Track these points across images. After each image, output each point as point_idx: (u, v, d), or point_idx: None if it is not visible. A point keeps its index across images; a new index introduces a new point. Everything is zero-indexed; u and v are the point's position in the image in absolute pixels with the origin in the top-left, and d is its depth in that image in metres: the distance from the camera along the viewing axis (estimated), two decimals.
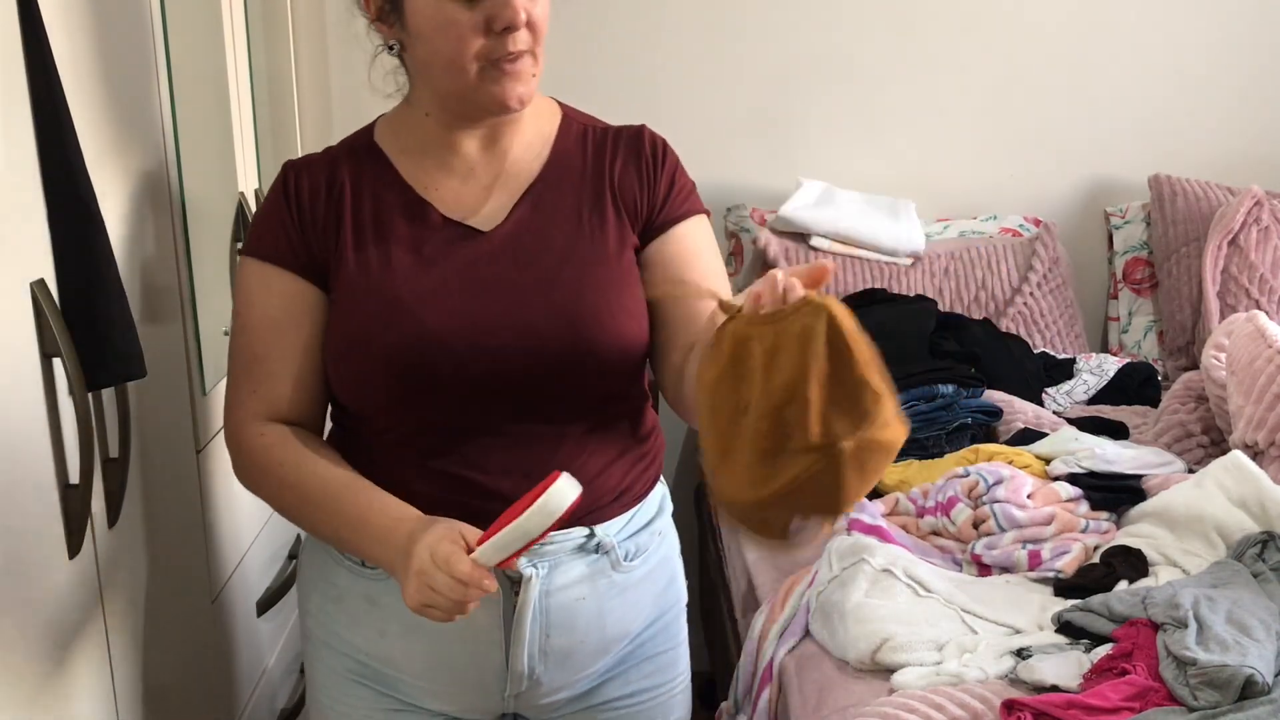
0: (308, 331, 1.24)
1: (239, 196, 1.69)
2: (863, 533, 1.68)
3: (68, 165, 1.09)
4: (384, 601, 1.26)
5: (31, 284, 1.06)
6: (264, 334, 1.24)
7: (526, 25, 1.16)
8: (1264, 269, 2.62)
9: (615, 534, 1.29)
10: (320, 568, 1.32)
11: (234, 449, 1.28)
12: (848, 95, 2.83)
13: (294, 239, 1.24)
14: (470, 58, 1.16)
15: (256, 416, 1.25)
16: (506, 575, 1.23)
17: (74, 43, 1.17)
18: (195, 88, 1.53)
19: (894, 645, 1.42)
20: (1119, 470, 1.81)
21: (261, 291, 1.25)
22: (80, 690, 1.18)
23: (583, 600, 1.27)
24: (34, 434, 1.08)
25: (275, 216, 1.25)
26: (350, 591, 1.29)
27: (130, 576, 1.30)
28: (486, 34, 1.15)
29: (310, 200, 1.24)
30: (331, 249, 1.23)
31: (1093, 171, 2.95)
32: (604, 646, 1.31)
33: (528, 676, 1.28)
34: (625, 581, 1.30)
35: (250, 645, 1.76)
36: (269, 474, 1.25)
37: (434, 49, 1.18)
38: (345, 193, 1.25)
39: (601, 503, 1.28)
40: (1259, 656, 1.24)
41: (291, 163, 1.29)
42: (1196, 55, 2.87)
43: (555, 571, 1.25)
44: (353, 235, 1.23)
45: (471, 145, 1.26)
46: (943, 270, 2.74)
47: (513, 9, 1.14)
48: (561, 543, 1.25)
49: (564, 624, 1.27)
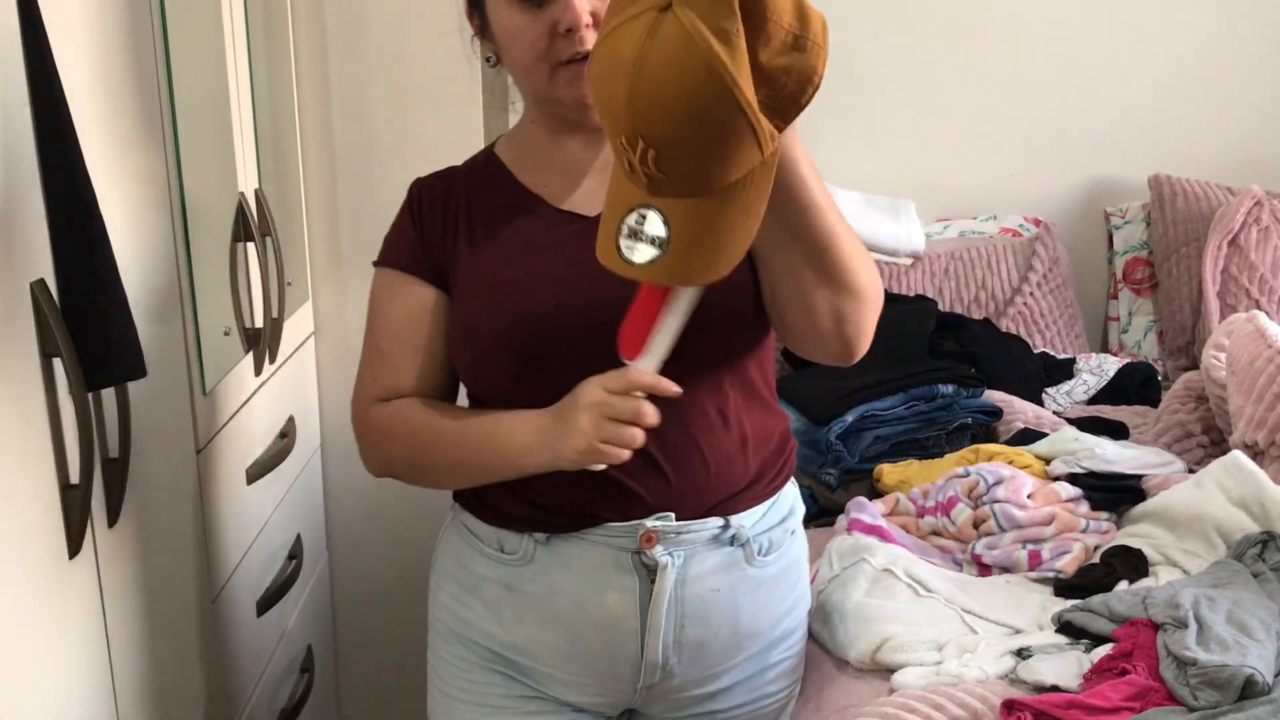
0: (429, 329, 1.31)
1: (239, 196, 1.69)
2: (863, 532, 1.68)
3: (68, 165, 1.09)
4: (523, 589, 1.30)
5: (31, 284, 1.06)
6: (388, 332, 1.33)
7: (595, 25, 1.19)
8: (1264, 269, 2.62)
9: (750, 526, 1.31)
10: (457, 557, 1.36)
11: (360, 432, 1.35)
12: (848, 95, 2.83)
13: (416, 248, 1.32)
14: (540, 61, 1.22)
15: (378, 399, 1.33)
16: (643, 563, 1.26)
17: (74, 43, 1.17)
18: (195, 88, 1.53)
19: (894, 645, 1.42)
20: (1119, 470, 1.81)
21: (387, 295, 1.34)
22: (80, 690, 1.18)
23: (717, 592, 1.29)
24: (34, 434, 1.08)
25: (400, 229, 1.35)
26: (488, 579, 1.32)
27: (130, 576, 1.30)
28: (553, 37, 1.20)
29: (429, 211, 1.33)
30: (450, 252, 1.31)
31: (1093, 171, 2.95)
32: (736, 643, 1.33)
33: (661, 667, 1.30)
34: (759, 577, 1.33)
35: (250, 645, 1.76)
36: (397, 432, 1.31)
37: (511, 56, 1.26)
38: (461, 201, 1.33)
39: (734, 490, 1.30)
40: (1259, 656, 1.24)
41: (418, 180, 1.38)
42: (1196, 55, 2.88)
43: (691, 561, 1.28)
44: (468, 237, 1.31)
45: (574, 143, 1.31)
46: (943, 270, 2.74)
47: (574, 11, 1.18)
48: (698, 531, 1.28)
49: (698, 614, 1.29)
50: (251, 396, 1.76)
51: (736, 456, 1.30)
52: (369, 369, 1.34)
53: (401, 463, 1.33)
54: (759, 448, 1.33)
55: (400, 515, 2.26)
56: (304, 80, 2.05)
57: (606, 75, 1.00)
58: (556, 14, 1.19)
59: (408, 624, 2.32)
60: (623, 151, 1.01)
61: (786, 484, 1.39)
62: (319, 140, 2.07)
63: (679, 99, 0.96)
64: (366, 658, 2.35)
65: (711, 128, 0.97)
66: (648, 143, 0.98)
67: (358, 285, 2.15)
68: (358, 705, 2.38)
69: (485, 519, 1.32)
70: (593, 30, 1.19)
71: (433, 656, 1.42)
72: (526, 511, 1.29)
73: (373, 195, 2.10)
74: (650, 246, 1.03)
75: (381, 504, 2.25)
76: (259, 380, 1.79)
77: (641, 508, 1.26)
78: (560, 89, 1.23)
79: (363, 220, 2.11)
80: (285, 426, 1.95)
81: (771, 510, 1.35)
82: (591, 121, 1.28)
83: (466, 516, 1.35)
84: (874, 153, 2.86)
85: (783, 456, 1.37)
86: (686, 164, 0.99)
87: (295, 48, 2.03)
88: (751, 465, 1.32)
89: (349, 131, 2.07)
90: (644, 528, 1.26)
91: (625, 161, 1.02)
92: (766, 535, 1.33)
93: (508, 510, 1.30)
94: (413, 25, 2.03)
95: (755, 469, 1.32)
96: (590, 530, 1.27)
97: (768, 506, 1.34)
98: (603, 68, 1.00)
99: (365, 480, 2.23)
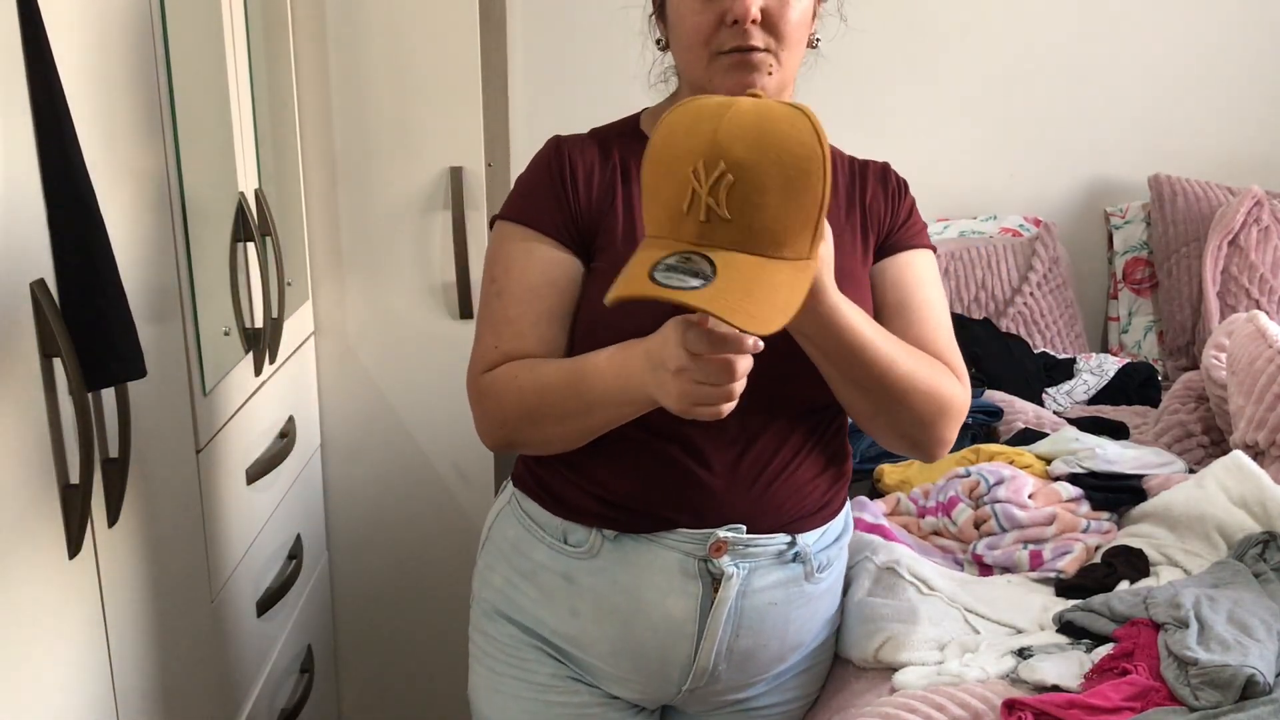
0: (563, 298, 1.27)
1: (239, 196, 1.69)
2: (865, 532, 1.68)
3: (68, 165, 1.09)
4: (583, 582, 1.30)
5: (31, 284, 1.06)
6: (519, 297, 1.27)
7: (764, 24, 1.22)
8: (1264, 269, 2.62)
9: (812, 545, 1.33)
10: (514, 542, 1.35)
11: (474, 397, 1.29)
12: (847, 95, 2.83)
13: (564, 210, 1.28)
14: (703, 46, 1.24)
15: (494, 365, 1.27)
16: (709, 571, 1.27)
17: (74, 43, 1.17)
18: (195, 88, 1.53)
19: (896, 644, 1.42)
20: (1120, 470, 1.81)
21: (523, 257, 1.28)
22: (80, 690, 1.18)
23: (774, 606, 1.31)
24: (34, 434, 1.08)
25: (545, 187, 1.29)
26: (547, 568, 1.32)
27: (130, 576, 1.30)
28: (719, 26, 1.23)
29: (585, 176, 1.29)
30: (601, 225, 1.28)
31: (1093, 171, 2.95)
32: (782, 654, 1.35)
33: (710, 673, 1.32)
34: (813, 592, 1.35)
35: (250, 645, 1.76)
36: (508, 390, 1.24)
37: (679, 39, 1.28)
38: (617, 173, 1.30)
39: (806, 512, 1.32)
40: (1260, 656, 1.24)
41: (562, 138, 1.33)
42: (1196, 55, 2.87)
43: (754, 574, 1.29)
44: (624, 216, 1.28)
45: None
46: (942, 270, 2.74)
47: (743, 4, 1.21)
48: (765, 546, 1.29)
49: (753, 626, 1.31)
50: (251, 396, 1.76)
51: (813, 481, 1.32)
52: (491, 334, 1.28)
53: (514, 422, 1.26)
54: (832, 477, 1.35)
55: (400, 515, 2.26)
56: (304, 80, 2.05)
57: (686, 123, 1.03)
58: (727, 4, 1.22)
59: (408, 624, 2.32)
60: (689, 182, 1.00)
61: (845, 506, 1.41)
62: (319, 140, 2.07)
63: (776, 136, 1.00)
64: (366, 658, 2.35)
65: (796, 176, 1.00)
66: (729, 167, 0.99)
67: (358, 285, 2.15)
68: (358, 705, 2.38)
69: (551, 509, 1.32)
70: (759, 27, 1.22)
71: (478, 635, 1.41)
72: (598, 506, 1.29)
73: (373, 195, 2.10)
74: (693, 277, 1.00)
75: (381, 504, 2.25)
76: (259, 380, 1.79)
77: (715, 516, 1.27)
78: (716, 77, 1.25)
79: (363, 220, 2.11)
80: (285, 426, 1.95)
81: (830, 528, 1.37)
82: None
83: (529, 503, 1.35)
84: (874, 153, 2.84)
85: (845, 478, 1.39)
86: (755, 200, 0.99)
87: (295, 48, 2.03)
88: (824, 491, 1.34)
89: (349, 131, 2.07)
90: (715, 536, 1.27)
91: (689, 195, 1.01)
92: (825, 553, 1.35)
93: (578, 503, 1.30)
94: (413, 25, 2.03)
95: (827, 495, 1.34)
96: (662, 533, 1.27)
97: (828, 526, 1.36)
98: (682, 119, 1.03)
99: (365, 480, 2.25)
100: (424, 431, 2.21)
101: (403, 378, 2.18)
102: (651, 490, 1.26)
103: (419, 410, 2.20)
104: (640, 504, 1.27)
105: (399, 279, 2.14)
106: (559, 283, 1.27)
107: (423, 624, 2.31)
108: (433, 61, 2.04)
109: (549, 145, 1.32)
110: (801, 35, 1.26)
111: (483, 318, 1.30)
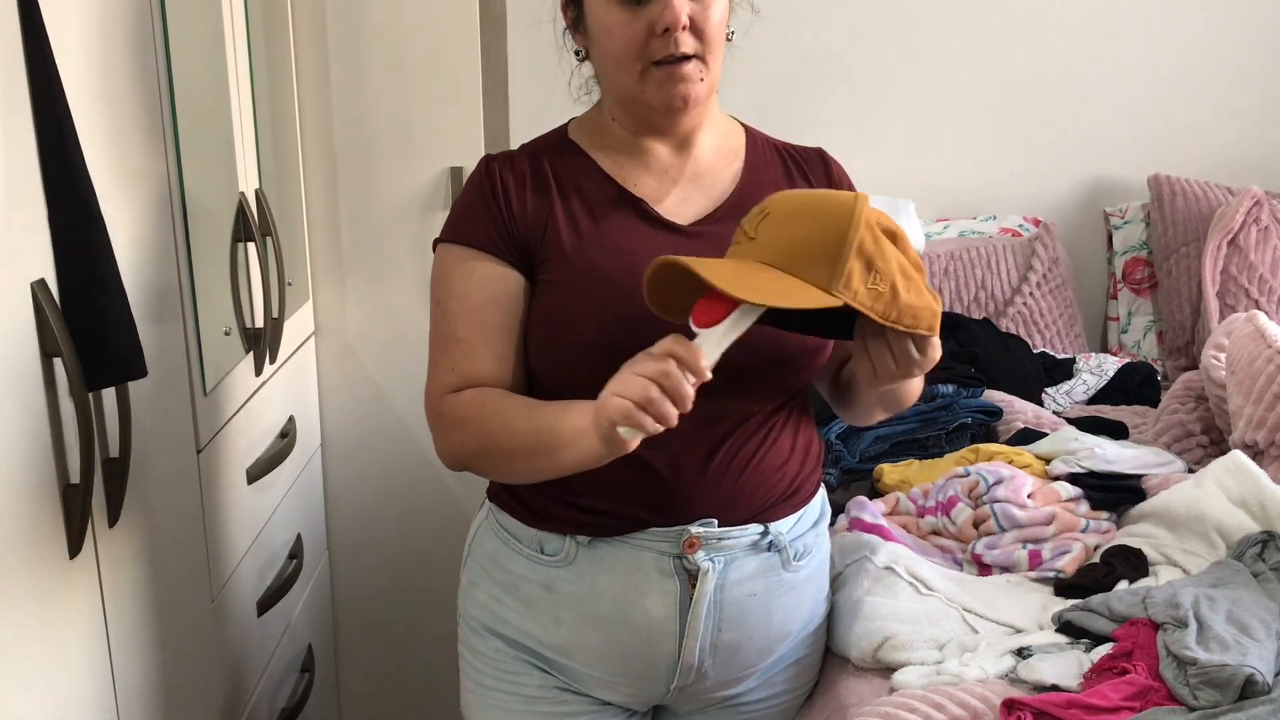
0: (508, 313, 1.28)
1: (239, 196, 1.69)
2: (864, 531, 1.68)
3: (68, 165, 1.09)
4: (563, 590, 1.30)
5: (31, 284, 1.06)
6: (465, 317, 1.27)
7: (692, 30, 1.21)
8: (1264, 269, 2.62)
9: (786, 533, 1.33)
10: (494, 556, 1.36)
11: (434, 421, 1.30)
12: (847, 95, 2.83)
13: (499, 227, 1.28)
14: (634, 58, 1.23)
15: (454, 388, 1.28)
16: (685, 567, 1.28)
17: (74, 43, 1.17)
18: (195, 88, 1.53)
19: (895, 644, 1.42)
20: (1119, 470, 1.81)
21: (464, 277, 1.28)
22: (80, 690, 1.18)
23: (754, 597, 1.31)
24: (34, 434, 1.08)
25: (480, 206, 1.29)
26: (527, 579, 1.32)
27: (130, 576, 1.30)
28: (649, 36, 1.21)
29: (517, 190, 1.29)
30: (540, 236, 1.28)
31: (1093, 171, 2.95)
32: (768, 645, 1.36)
33: (696, 669, 1.32)
34: (793, 580, 1.35)
35: (251, 645, 1.76)
36: (470, 418, 1.25)
37: (605, 51, 1.26)
38: (551, 183, 1.30)
39: (776, 499, 1.32)
40: (1259, 656, 1.24)
41: (491, 156, 1.33)
42: (1196, 55, 2.87)
43: (730, 567, 1.29)
44: (565, 222, 1.28)
45: (661, 149, 1.32)
46: (943, 270, 2.74)
47: (673, 11, 1.19)
48: (738, 538, 1.29)
49: (735, 618, 1.31)
50: (252, 396, 1.76)
51: (780, 468, 1.32)
52: (445, 357, 1.29)
53: (471, 450, 1.27)
54: (800, 459, 1.35)
55: (400, 515, 2.26)
56: (304, 80, 2.05)
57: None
58: (655, 13, 1.20)
59: (408, 624, 2.33)
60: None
61: (819, 490, 1.41)
62: (319, 140, 2.07)
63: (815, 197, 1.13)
64: (366, 658, 2.35)
65: (824, 222, 1.10)
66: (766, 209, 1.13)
67: (358, 285, 2.15)
68: (358, 705, 2.38)
69: (524, 520, 1.33)
70: (689, 33, 1.21)
71: (466, 651, 1.42)
72: (568, 513, 1.29)
73: (373, 195, 2.10)
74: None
75: (381, 504, 2.26)
76: (259, 380, 1.80)
77: (686, 512, 1.27)
78: (650, 89, 1.24)
79: (363, 220, 2.11)
80: (285, 426, 1.95)
81: (805, 515, 1.37)
82: (673, 127, 1.29)
83: (504, 517, 1.35)
84: (873, 152, 2.86)
85: (817, 465, 1.40)
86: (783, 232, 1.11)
87: (295, 48, 2.03)
88: (792, 476, 1.34)
89: (349, 131, 2.07)
90: (687, 533, 1.27)
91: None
92: (801, 540, 1.36)
93: (549, 511, 1.30)
94: (413, 25, 2.03)
95: (795, 480, 1.34)
96: (634, 534, 1.28)
97: (802, 513, 1.37)
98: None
99: (365, 480, 2.25)
100: (424, 431, 2.18)
101: (403, 378, 2.18)
102: (619, 491, 1.26)
103: (419, 410, 2.18)
104: (609, 506, 1.27)
105: (399, 279, 2.14)
106: (500, 298, 1.27)
107: (423, 624, 2.31)
108: (433, 61, 2.04)
109: (479, 165, 1.33)
110: (723, 35, 1.26)
111: (434, 341, 1.31)
